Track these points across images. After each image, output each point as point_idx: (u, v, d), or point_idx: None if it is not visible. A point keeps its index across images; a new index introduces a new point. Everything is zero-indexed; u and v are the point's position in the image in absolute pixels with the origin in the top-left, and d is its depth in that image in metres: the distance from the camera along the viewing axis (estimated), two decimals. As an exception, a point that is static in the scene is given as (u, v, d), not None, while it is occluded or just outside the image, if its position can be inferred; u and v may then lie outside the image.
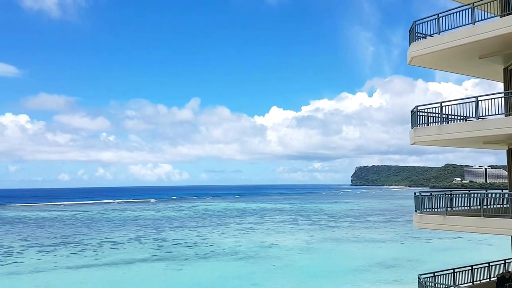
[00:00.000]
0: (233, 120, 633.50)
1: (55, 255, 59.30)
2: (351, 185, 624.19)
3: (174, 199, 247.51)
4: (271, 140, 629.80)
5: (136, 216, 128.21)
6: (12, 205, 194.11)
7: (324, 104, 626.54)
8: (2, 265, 52.44)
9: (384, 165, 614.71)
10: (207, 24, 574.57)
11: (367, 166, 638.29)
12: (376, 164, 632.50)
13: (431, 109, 19.15)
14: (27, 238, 76.72)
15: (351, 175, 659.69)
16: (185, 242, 69.80)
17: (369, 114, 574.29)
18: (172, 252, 60.82)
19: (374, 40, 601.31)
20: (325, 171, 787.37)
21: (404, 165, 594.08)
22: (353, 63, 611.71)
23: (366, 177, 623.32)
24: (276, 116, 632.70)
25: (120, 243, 70.02)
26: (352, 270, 48.08)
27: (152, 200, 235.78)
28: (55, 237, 78.02)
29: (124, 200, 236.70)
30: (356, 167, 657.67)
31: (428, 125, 19.09)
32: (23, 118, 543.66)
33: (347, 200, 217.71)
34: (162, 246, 66.68)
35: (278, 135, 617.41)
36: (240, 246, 65.23)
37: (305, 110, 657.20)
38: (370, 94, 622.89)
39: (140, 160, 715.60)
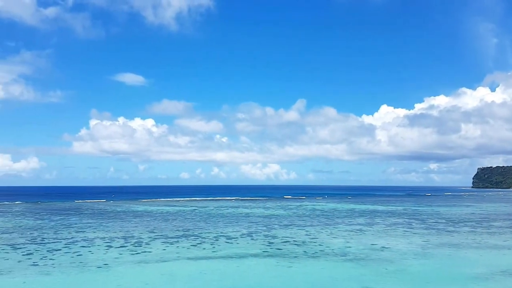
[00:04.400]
0: (340, 120, 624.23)
1: (177, 247, 64.77)
2: (472, 187, 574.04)
3: (287, 198, 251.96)
4: (380, 140, 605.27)
5: (248, 213, 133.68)
6: (141, 200, 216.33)
7: (440, 101, 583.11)
8: (133, 254, 58.70)
9: (511, 166, 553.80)
10: (311, 24, 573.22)
11: (491, 167, 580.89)
12: (501, 165, 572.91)
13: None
14: (153, 230, 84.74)
15: (473, 176, 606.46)
16: (294, 240, 71.09)
17: (491, 111, 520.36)
18: (281, 250, 62.44)
19: (496, 31, 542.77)
20: (443, 173, 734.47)
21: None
22: (472, 56, 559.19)
23: (489, 179, 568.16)
24: (386, 114, 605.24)
25: (234, 238, 73.95)
26: (472, 278, 44.88)
27: (262, 198, 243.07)
28: (178, 230, 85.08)
29: (238, 197, 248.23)
30: (478, 168, 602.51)
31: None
32: (150, 122, 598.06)
33: (468, 203, 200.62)
34: (272, 243, 68.78)
35: (388, 135, 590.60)
36: (350, 247, 64.49)
37: (419, 107, 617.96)
38: (493, 89, 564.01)
39: (250, 160, 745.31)
